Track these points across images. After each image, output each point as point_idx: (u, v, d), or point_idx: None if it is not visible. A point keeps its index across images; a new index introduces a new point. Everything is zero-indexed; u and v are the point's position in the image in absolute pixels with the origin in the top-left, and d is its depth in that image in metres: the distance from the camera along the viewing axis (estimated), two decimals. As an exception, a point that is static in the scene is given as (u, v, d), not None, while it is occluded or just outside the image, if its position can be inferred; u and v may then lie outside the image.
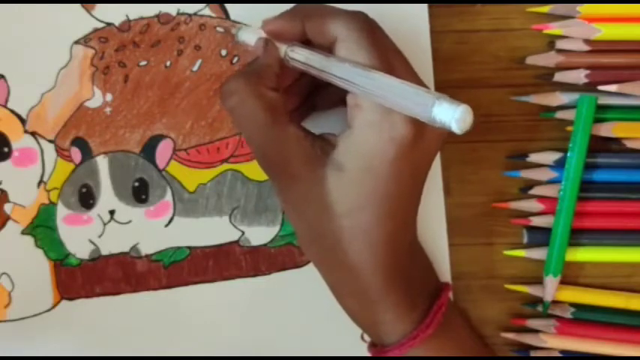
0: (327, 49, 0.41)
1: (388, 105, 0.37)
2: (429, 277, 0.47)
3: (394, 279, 0.42)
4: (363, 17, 0.41)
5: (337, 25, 0.40)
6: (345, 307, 0.44)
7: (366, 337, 0.46)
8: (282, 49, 0.43)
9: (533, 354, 0.49)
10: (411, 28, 0.47)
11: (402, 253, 0.42)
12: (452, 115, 0.33)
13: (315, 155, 0.41)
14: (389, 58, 0.40)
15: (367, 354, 0.46)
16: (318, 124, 0.46)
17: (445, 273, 0.49)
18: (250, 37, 0.44)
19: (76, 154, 0.48)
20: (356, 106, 0.40)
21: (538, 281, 0.49)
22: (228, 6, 0.48)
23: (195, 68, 0.48)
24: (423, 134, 0.39)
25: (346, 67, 0.39)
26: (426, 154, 0.41)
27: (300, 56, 0.42)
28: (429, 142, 0.41)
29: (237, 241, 0.49)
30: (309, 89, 0.46)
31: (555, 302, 0.49)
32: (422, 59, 0.47)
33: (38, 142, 0.47)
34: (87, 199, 0.48)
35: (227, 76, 0.44)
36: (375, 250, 0.41)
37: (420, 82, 0.41)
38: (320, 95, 0.47)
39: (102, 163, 0.48)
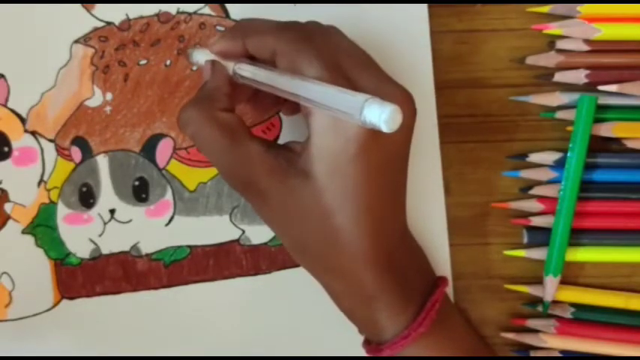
0: (272, 63, 0.41)
1: (327, 112, 0.37)
2: (424, 272, 0.47)
3: (385, 274, 0.42)
4: (295, 27, 0.41)
5: (273, 39, 0.41)
6: (342, 307, 0.44)
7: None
8: (230, 67, 0.43)
9: (533, 354, 0.49)
10: (411, 28, 0.47)
11: (391, 247, 0.42)
12: (379, 116, 0.33)
13: (280, 167, 0.41)
14: (334, 60, 0.40)
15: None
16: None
17: (445, 273, 0.48)
18: (202, 58, 0.44)
19: (76, 153, 0.48)
20: (309, 114, 0.40)
21: (538, 281, 0.49)
22: (228, 5, 0.48)
23: (195, 67, 0.48)
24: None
25: (286, 79, 0.39)
26: (392, 146, 0.41)
27: (246, 73, 0.42)
28: (393, 135, 0.40)
29: (237, 240, 0.49)
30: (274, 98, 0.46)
31: (555, 302, 0.49)
32: (422, 59, 0.47)
33: (38, 142, 0.47)
34: (87, 198, 0.48)
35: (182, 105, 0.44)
36: (362, 248, 0.41)
37: (380, 77, 0.41)
38: (284, 104, 0.46)
39: (102, 162, 0.48)
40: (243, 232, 0.49)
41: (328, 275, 0.43)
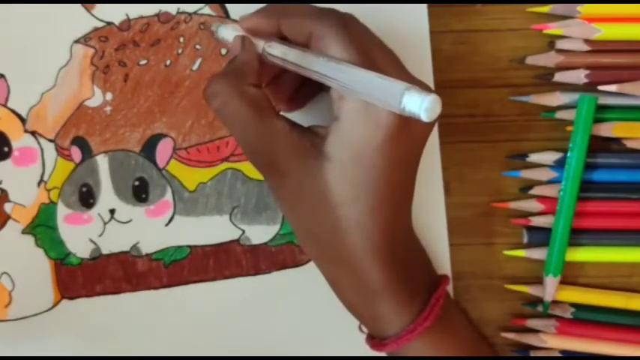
0: (304, 45, 0.41)
1: (362, 97, 0.38)
2: (427, 269, 0.47)
3: (392, 269, 0.42)
4: (336, 13, 0.41)
5: (311, 22, 0.41)
6: (345, 300, 0.44)
7: (364, 329, 0.46)
8: (260, 45, 0.43)
9: (533, 354, 0.49)
10: (411, 28, 0.47)
11: (398, 243, 0.42)
12: (420, 105, 0.33)
13: (304, 148, 0.41)
14: (368, 50, 0.40)
15: (365, 347, 0.45)
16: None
17: (445, 273, 0.48)
18: (229, 33, 0.44)
19: (76, 153, 0.48)
20: (340, 98, 0.40)
21: (538, 281, 0.49)
22: (228, 5, 0.48)
23: (195, 67, 0.48)
24: (409, 121, 0.39)
25: (321, 61, 0.39)
26: (415, 141, 0.41)
27: (277, 52, 0.42)
28: (417, 129, 0.41)
29: (237, 240, 0.49)
30: (298, 81, 0.46)
31: (555, 302, 0.49)
32: (421, 59, 0.47)
33: (38, 142, 0.47)
34: (87, 198, 0.48)
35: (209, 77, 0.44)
36: (371, 241, 0.41)
37: (406, 75, 0.41)
38: (308, 86, 0.46)
39: (102, 162, 0.48)
40: (243, 232, 0.49)
41: (334, 266, 0.43)
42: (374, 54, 0.40)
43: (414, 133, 0.40)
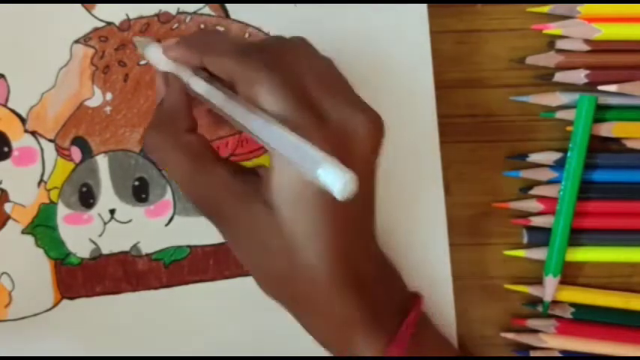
0: (230, 85, 0.39)
1: (281, 153, 0.36)
2: (398, 288, 0.45)
3: (358, 298, 0.40)
4: (261, 51, 0.39)
5: (235, 64, 0.38)
6: (317, 339, 0.42)
7: None
8: (186, 76, 0.41)
9: (533, 354, 0.49)
10: (411, 28, 0.47)
11: (361, 269, 0.40)
12: (333, 184, 0.33)
13: (246, 194, 0.39)
14: (302, 86, 0.38)
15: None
16: None
17: (445, 273, 0.48)
18: (156, 57, 0.43)
19: (76, 153, 0.48)
20: None
21: (538, 281, 0.49)
22: (228, 5, 0.48)
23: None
24: (346, 143, 0.37)
25: (242, 113, 0.37)
26: (360, 160, 0.38)
27: (200, 89, 0.40)
28: (359, 148, 0.38)
29: (237, 241, 0.49)
30: None
31: (555, 302, 0.48)
32: (421, 59, 0.47)
33: (38, 142, 0.47)
34: (87, 198, 0.48)
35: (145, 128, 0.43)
36: (332, 276, 0.39)
37: (351, 103, 0.39)
38: None
39: (102, 162, 0.48)
40: (243, 232, 0.49)
41: (299, 305, 0.41)
42: (308, 87, 0.38)
43: (358, 153, 0.38)
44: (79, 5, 0.47)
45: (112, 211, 0.48)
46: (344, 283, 0.39)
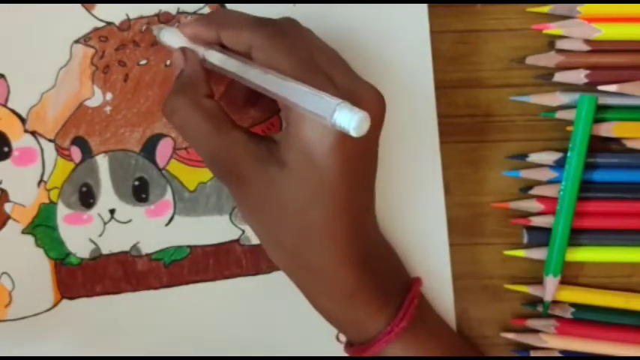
0: (246, 55, 0.41)
1: (299, 109, 0.38)
2: (399, 272, 0.47)
3: (362, 272, 0.42)
4: (274, 23, 0.42)
5: (249, 33, 0.41)
6: (319, 308, 0.44)
7: (342, 337, 0.46)
8: (201, 52, 0.43)
9: (533, 354, 0.49)
10: (411, 28, 0.47)
11: (365, 246, 0.42)
12: (349, 122, 0.34)
13: (262, 156, 0.41)
14: (310, 57, 0.40)
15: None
16: None
17: (445, 273, 0.49)
18: (171, 38, 0.45)
19: (76, 153, 0.48)
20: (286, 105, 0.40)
21: (538, 281, 0.49)
22: (228, 5, 0.47)
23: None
24: None
25: (257, 74, 0.40)
26: (366, 139, 0.40)
27: (216, 60, 0.42)
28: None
29: (237, 240, 0.49)
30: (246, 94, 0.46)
31: (555, 302, 0.49)
32: (421, 59, 0.47)
33: (38, 142, 0.47)
34: (87, 198, 0.48)
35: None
36: (337, 244, 0.41)
37: (351, 76, 0.41)
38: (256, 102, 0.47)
39: (102, 162, 0.48)
40: (243, 232, 0.49)
41: (303, 273, 0.43)
42: (318, 59, 0.41)
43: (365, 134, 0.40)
44: (79, 5, 0.47)
45: (112, 211, 0.48)
46: (351, 250, 0.41)
